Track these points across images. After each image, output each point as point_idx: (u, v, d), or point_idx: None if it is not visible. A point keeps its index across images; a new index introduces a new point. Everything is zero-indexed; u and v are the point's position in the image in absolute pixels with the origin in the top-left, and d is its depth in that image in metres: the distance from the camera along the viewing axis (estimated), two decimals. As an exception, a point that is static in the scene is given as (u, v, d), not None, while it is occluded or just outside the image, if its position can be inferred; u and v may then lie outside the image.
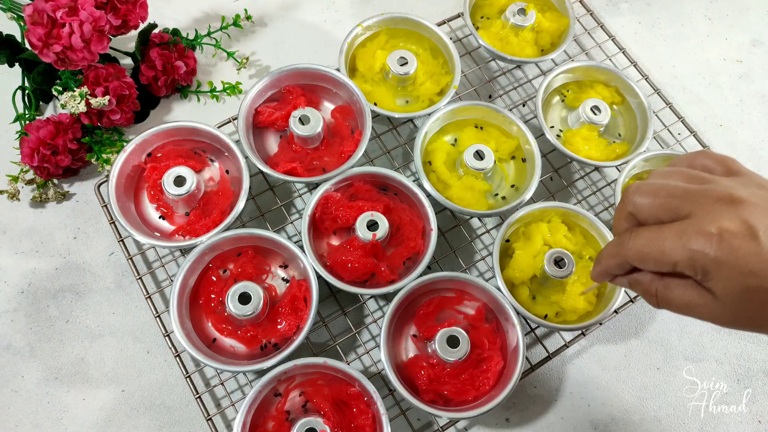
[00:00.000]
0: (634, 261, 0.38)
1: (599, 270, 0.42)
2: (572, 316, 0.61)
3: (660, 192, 0.38)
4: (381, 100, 0.70)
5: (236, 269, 0.61)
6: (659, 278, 0.39)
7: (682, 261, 0.35)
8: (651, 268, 0.38)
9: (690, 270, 0.36)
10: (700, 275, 0.35)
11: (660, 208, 0.37)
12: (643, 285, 0.40)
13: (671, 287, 0.38)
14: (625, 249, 0.39)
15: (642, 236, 0.38)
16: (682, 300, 0.38)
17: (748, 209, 0.34)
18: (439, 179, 0.66)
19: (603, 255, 0.41)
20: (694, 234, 0.35)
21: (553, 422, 0.63)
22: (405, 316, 0.62)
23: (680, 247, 0.35)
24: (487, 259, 0.69)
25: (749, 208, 0.34)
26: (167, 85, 0.72)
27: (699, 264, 0.35)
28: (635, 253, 0.38)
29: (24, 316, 0.64)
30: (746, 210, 0.34)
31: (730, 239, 0.34)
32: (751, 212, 0.34)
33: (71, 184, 0.70)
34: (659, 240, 0.36)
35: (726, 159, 0.39)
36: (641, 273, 0.40)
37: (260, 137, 0.68)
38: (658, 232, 0.37)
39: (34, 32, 0.60)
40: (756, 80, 0.84)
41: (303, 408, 0.57)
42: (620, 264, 0.40)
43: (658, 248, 0.36)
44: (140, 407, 0.61)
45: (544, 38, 0.75)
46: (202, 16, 0.81)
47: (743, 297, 0.35)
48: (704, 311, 0.37)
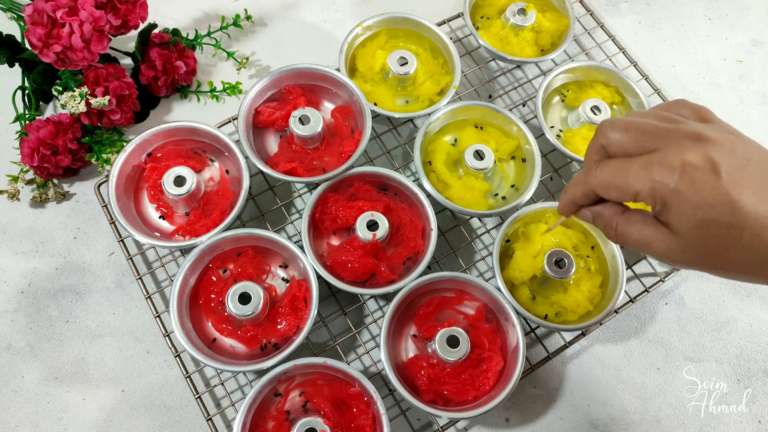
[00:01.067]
0: (598, 189, 0.40)
1: (565, 199, 0.43)
2: (572, 316, 0.61)
3: (631, 127, 0.39)
4: (381, 100, 0.70)
5: (236, 269, 0.61)
6: (621, 213, 0.40)
7: (643, 191, 0.37)
8: (614, 197, 0.39)
9: (650, 200, 0.37)
10: (659, 206, 0.37)
11: (630, 142, 0.38)
12: (604, 218, 0.41)
13: (631, 221, 0.39)
14: (591, 177, 0.40)
15: (609, 166, 0.39)
16: (639, 234, 0.39)
17: (713, 147, 0.36)
18: (439, 179, 0.66)
19: (570, 184, 0.42)
20: (658, 165, 0.36)
21: (553, 422, 0.63)
22: (405, 316, 0.62)
23: (644, 177, 0.36)
24: (487, 259, 0.69)
25: (715, 146, 0.36)
26: (167, 85, 0.72)
27: (659, 194, 0.36)
28: (600, 182, 0.39)
29: (24, 316, 0.64)
30: (712, 147, 0.35)
31: (691, 171, 0.35)
32: (716, 150, 0.35)
33: (71, 184, 0.70)
34: (624, 170, 0.38)
35: (701, 108, 0.40)
36: (604, 206, 0.41)
37: (260, 137, 0.68)
38: (625, 163, 0.38)
39: (34, 32, 0.60)
40: (756, 80, 0.84)
41: (303, 408, 0.57)
42: (585, 193, 0.41)
43: (622, 177, 0.38)
44: (140, 407, 0.61)
45: (544, 38, 0.75)
46: (202, 16, 0.81)
47: (697, 230, 0.36)
48: (660, 246, 0.38)
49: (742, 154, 0.36)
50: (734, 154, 0.36)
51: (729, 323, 0.69)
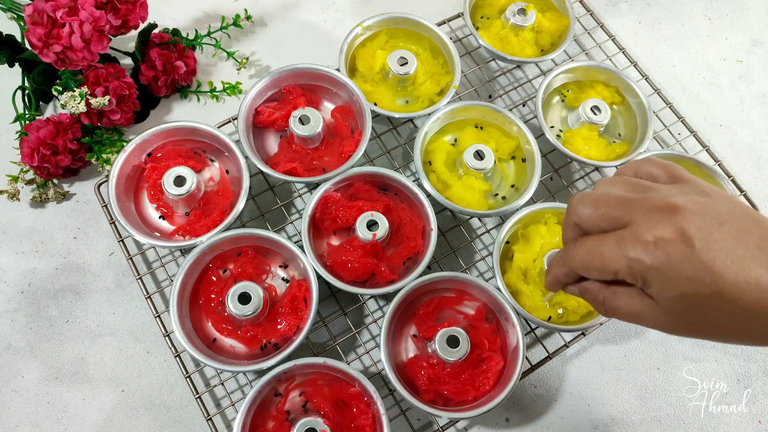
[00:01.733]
0: (578, 270, 0.39)
1: (550, 279, 0.43)
2: (574, 317, 0.61)
3: (601, 202, 0.38)
4: (381, 100, 0.70)
5: (236, 269, 0.61)
6: (606, 287, 0.39)
7: (621, 269, 0.36)
8: (595, 276, 0.39)
9: (630, 278, 0.36)
10: (640, 283, 0.36)
11: (601, 217, 0.38)
12: (591, 293, 0.40)
13: (618, 295, 0.38)
14: (569, 258, 0.40)
15: (584, 246, 0.38)
16: (627, 308, 0.38)
17: (684, 216, 0.35)
18: (439, 179, 0.66)
19: (552, 264, 0.42)
20: (631, 242, 0.35)
21: (553, 422, 0.63)
22: (405, 316, 0.62)
23: (619, 255, 0.36)
24: (487, 259, 0.69)
25: (686, 215, 0.35)
26: (167, 85, 0.72)
27: (637, 271, 0.35)
28: (578, 263, 0.39)
29: (24, 316, 0.64)
30: (683, 217, 0.35)
31: (665, 246, 0.34)
32: (687, 219, 0.35)
33: (71, 184, 0.70)
34: (599, 249, 0.37)
35: (670, 166, 0.40)
36: (590, 282, 0.40)
37: (260, 137, 0.68)
38: (599, 242, 0.37)
39: (34, 32, 0.60)
40: (756, 80, 0.84)
41: (303, 408, 0.57)
42: (567, 273, 0.41)
43: (599, 257, 0.37)
44: (140, 407, 0.61)
45: (544, 38, 0.75)
46: (202, 16, 0.81)
47: (680, 303, 0.35)
48: (648, 318, 0.38)
49: (712, 215, 0.35)
50: (704, 217, 0.35)
51: (729, 323, 0.69)
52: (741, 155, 0.78)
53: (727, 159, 0.78)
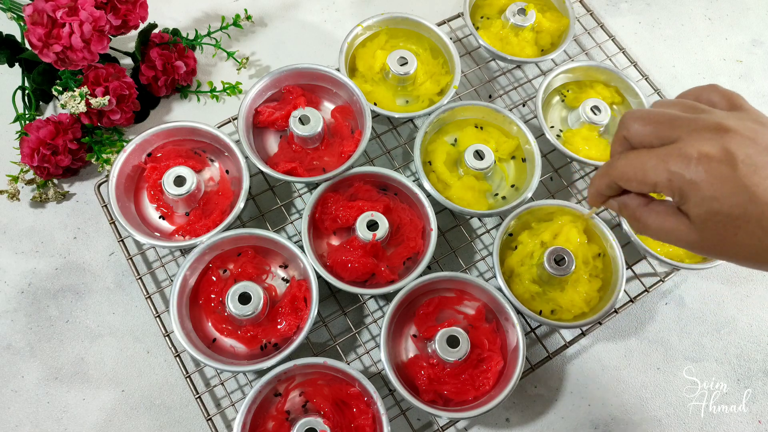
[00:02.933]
0: (619, 180, 0.40)
1: (592, 191, 0.44)
2: (567, 315, 0.61)
3: (653, 118, 0.39)
4: (381, 100, 0.70)
5: (236, 269, 0.61)
6: (645, 204, 0.40)
7: (661, 182, 0.37)
8: (635, 188, 0.39)
9: (668, 191, 0.37)
10: (677, 197, 0.37)
11: (651, 133, 0.38)
12: (629, 208, 0.41)
13: (654, 212, 0.40)
14: (612, 169, 0.40)
15: (629, 158, 0.39)
16: (661, 225, 0.39)
17: (733, 138, 0.35)
18: (439, 179, 0.66)
19: (595, 176, 0.43)
20: (675, 156, 0.36)
21: (553, 422, 0.63)
22: (405, 316, 0.62)
23: (661, 168, 0.37)
24: (487, 259, 0.69)
25: (735, 137, 0.35)
26: (167, 85, 0.72)
27: (676, 185, 0.36)
28: (620, 173, 0.40)
29: (24, 316, 0.64)
30: (731, 139, 0.35)
31: (707, 163, 0.35)
32: (735, 141, 0.35)
33: (71, 184, 0.70)
34: (643, 161, 0.38)
35: (732, 94, 0.40)
36: (629, 196, 0.41)
37: (260, 137, 0.68)
38: (644, 154, 0.38)
39: (34, 32, 0.60)
40: (756, 80, 0.84)
41: (303, 408, 0.57)
42: (608, 184, 0.41)
43: (641, 169, 0.38)
44: (140, 407, 0.61)
45: (544, 38, 0.75)
46: (202, 16, 0.81)
47: (713, 220, 0.36)
48: (679, 235, 0.38)
49: (763, 142, 0.36)
50: (755, 143, 0.35)
51: (729, 323, 0.69)
52: (741, 155, 0.78)
53: (727, 159, 0.77)
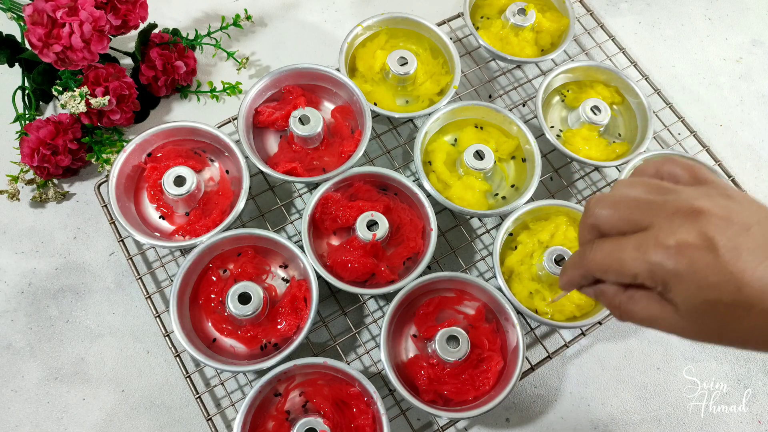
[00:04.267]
0: (595, 272, 0.38)
1: (565, 280, 0.42)
2: (559, 317, 0.61)
3: (620, 204, 0.37)
4: (381, 100, 0.70)
5: (236, 269, 0.61)
6: (623, 290, 0.38)
7: (642, 273, 0.35)
8: (613, 279, 0.37)
9: (650, 282, 0.35)
10: (660, 287, 0.35)
11: (620, 220, 0.37)
12: (607, 296, 0.39)
13: (635, 299, 0.37)
14: (586, 261, 0.38)
15: (602, 248, 0.37)
16: (645, 312, 0.37)
17: (708, 221, 0.33)
18: (439, 179, 0.66)
19: (567, 265, 0.41)
20: (652, 246, 0.34)
21: (553, 422, 0.63)
22: (405, 316, 0.62)
23: (639, 259, 0.35)
24: (487, 259, 0.69)
25: (710, 220, 0.33)
26: (167, 85, 0.72)
27: (658, 276, 0.34)
28: (596, 265, 0.38)
29: (24, 316, 0.64)
30: (707, 222, 0.33)
31: (688, 252, 0.33)
32: (711, 224, 0.33)
33: (71, 184, 0.70)
34: (619, 252, 0.36)
35: (693, 166, 0.38)
36: (606, 284, 0.39)
37: (260, 137, 0.68)
38: (618, 244, 0.36)
39: (34, 32, 0.60)
40: (756, 80, 0.84)
41: (303, 408, 0.57)
42: (583, 275, 0.39)
43: (618, 260, 0.36)
44: (140, 407, 0.61)
45: (544, 38, 0.75)
46: (202, 16, 0.81)
47: (703, 310, 0.34)
48: (666, 324, 0.37)
49: (740, 221, 0.34)
50: (731, 224, 0.33)
51: (729, 323, 0.69)
52: (741, 155, 0.78)
53: (727, 159, 0.78)
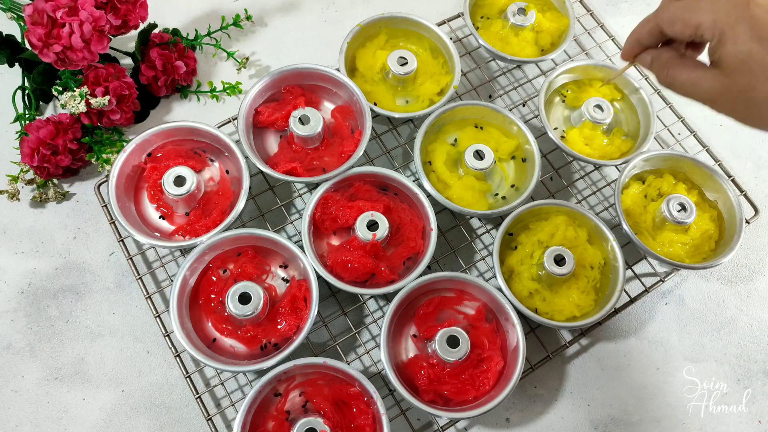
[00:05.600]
0: (664, 23, 0.43)
1: (631, 39, 0.47)
2: (559, 317, 0.61)
3: None
4: (381, 100, 0.70)
5: (236, 269, 0.61)
6: (678, 57, 0.44)
7: (706, 22, 0.40)
8: (677, 31, 0.42)
9: (709, 33, 0.40)
10: (716, 39, 0.40)
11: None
12: (661, 60, 0.45)
13: (684, 65, 0.43)
14: (661, 11, 0.44)
15: (679, 2, 0.42)
16: (689, 75, 0.42)
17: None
18: (439, 179, 0.66)
19: (638, 25, 0.46)
20: (725, 0, 0.39)
21: (553, 422, 0.63)
22: (405, 316, 0.62)
23: (710, 9, 0.40)
24: (487, 259, 0.69)
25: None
26: (167, 85, 0.72)
27: (719, 27, 0.39)
28: (668, 15, 0.43)
29: (24, 316, 0.64)
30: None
31: (754, 8, 0.38)
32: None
33: (71, 184, 0.70)
34: (694, 4, 0.41)
35: None
36: (665, 50, 0.45)
37: (260, 137, 0.68)
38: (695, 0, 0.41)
39: (34, 32, 0.60)
40: (756, 80, 0.84)
41: (303, 408, 0.57)
42: (651, 30, 0.45)
43: (690, 9, 0.41)
44: (140, 407, 0.61)
45: (544, 38, 0.75)
46: (202, 16, 0.81)
47: (744, 62, 0.39)
48: (705, 86, 0.41)
49: None
50: None
51: (729, 323, 0.69)
52: (741, 155, 0.78)
53: (727, 159, 0.78)
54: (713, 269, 0.71)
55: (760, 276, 0.72)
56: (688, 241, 0.66)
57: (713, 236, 0.67)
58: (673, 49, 0.45)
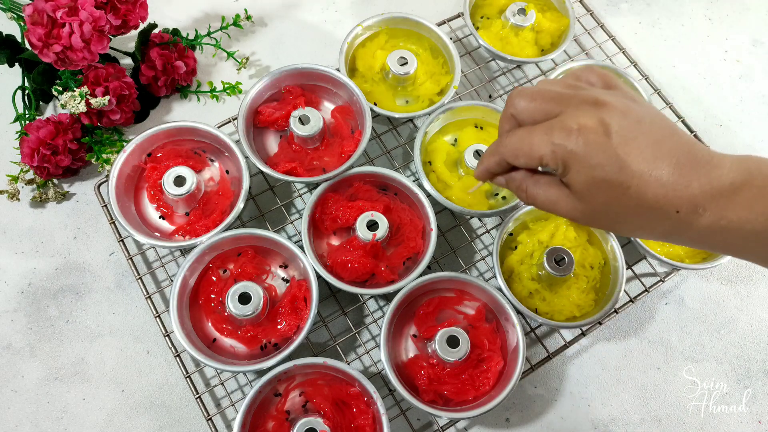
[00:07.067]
0: (508, 157, 0.42)
1: (481, 168, 0.46)
2: (559, 317, 0.61)
3: (537, 95, 0.41)
4: (381, 100, 0.70)
5: (236, 269, 0.61)
6: (531, 176, 0.43)
7: (546, 154, 0.39)
8: (523, 164, 0.42)
9: (553, 163, 0.39)
10: (560, 168, 0.39)
11: (536, 110, 0.41)
12: (516, 182, 0.44)
13: (539, 184, 0.42)
14: (501, 146, 0.43)
15: (516, 134, 0.42)
16: (546, 196, 0.42)
17: (608, 110, 0.38)
18: (439, 179, 0.66)
19: (485, 154, 0.45)
20: (558, 129, 0.39)
21: (553, 422, 0.63)
22: (405, 316, 0.62)
23: (546, 141, 0.39)
24: (487, 259, 0.69)
25: (609, 110, 0.38)
26: (167, 85, 0.72)
27: (559, 156, 0.39)
28: (509, 149, 0.42)
29: (24, 316, 0.64)
30: (606, 111, 0.38)
31: (586, 134, 0.38)
32: (609, 113, 0.38)
33: (71, 184, 0.70)
34: (529, 136, 0.40)
35: (606, 75, 0.43)
36: (516, 171, 0.44)
37: (260, 137, 0.68)
38: (530, 130, 0.41)
39: (34, 32, 0.60)
40: (756, 80, 0.84)
41: (303, 408, 0.57)
42: (498, 162, 0.44)
43: (528, 143, 0.40)
44: (140, 407, 0.61)
45: (544, 38, 0.75)
46: (202, 16, 0.81)
47: (592, 188, 0.39)
48: (563, 206, 0.41)
49: (634, 116, 0.38)
50: (626, 116, 0.38)
51: (729, 323, 0.69)
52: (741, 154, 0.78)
53: (727, 159, 0.77)
54: (713, 269, 0.71)
55: (760, 276, 0.72)
56: (688, 241, 0.66)
57: (713, 236, 0.67)
58: (525, 171, 0.44)
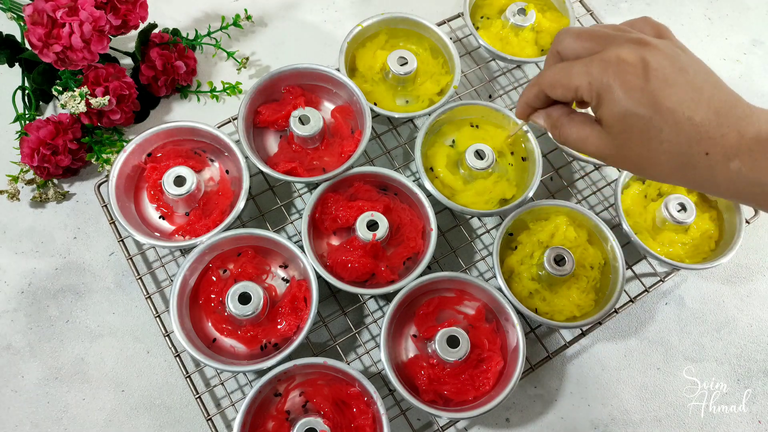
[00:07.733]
0: (546, 87, 0.43)
1: (521, 102, 0.47)
2: (559, 317, 0.61)
3: (584, 33, 0.42)
4: (381, 100, 0.70)
5: (236, 269, 0.61)
6: (567, 113, 0.44)
7: (582, 85, 0.40)
8: (560, 95, 0.42)
9: (588, 95, 0.40)
10: (594, 101, 0.40)
11: (581, 47, 0.42)
12: (552, 118, 0.45)
13: (574, 122, 0.43)
14: (542, 77, 0.43)
15: (558, 66, 0.42)
16: (578, 132, 0.42)
17: (651, 51, 0.38)
18: (444, 185, 0.66)
19: (526, 88, 0.46)
20: (597, 62, 0.39)
21: (553, 422, 0.63)
22: (405, 316, 0.62)
23: (583, 72, 0.40)
24: (487, 259, 0.69)
25: (653, 51, 0.38)
26: (167, 85, 0.72)
27: (594, 88, 0.39)
28: (548, 80, 0.43)
29: (24, 316, 0.64)
30: (649, 51, 0.38)
31: (624, 67, 0.38)
32: (653, 53, 0.38)
33: (71, 184, 0.70)
34: (570, 67, 0.41)
35: (661, 26, 0.43)
36: (554, 107, 0.45)
37: (260, 137, 0.68)
38: (571, 63, 0.41)
39: (34, 32, 0.60)
40: (756, 80, 0.84)
41: (303, 408, 0.57)
42: (537, 94, 0.44)
43: (566, 74, 0.41)
44: (140, 407, 0.61)
45: (544, 38, 0.75)
46: (202, 16, 0.81)
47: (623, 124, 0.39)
48: (593, 142, 0.41)
49: (679, 64, 0.38)
50: (671, 61, 0.38)
51: (729, 323, 0.69)
52: (741, 155, 0.78)
53: (727, 159, 0.77)
54: (713, 269, 0.71)
55: (760, 276, 0.72)
56: (688, 241, 0.66)
57: (713, 236, 0.67)
58: (563, 107, 0.45)
